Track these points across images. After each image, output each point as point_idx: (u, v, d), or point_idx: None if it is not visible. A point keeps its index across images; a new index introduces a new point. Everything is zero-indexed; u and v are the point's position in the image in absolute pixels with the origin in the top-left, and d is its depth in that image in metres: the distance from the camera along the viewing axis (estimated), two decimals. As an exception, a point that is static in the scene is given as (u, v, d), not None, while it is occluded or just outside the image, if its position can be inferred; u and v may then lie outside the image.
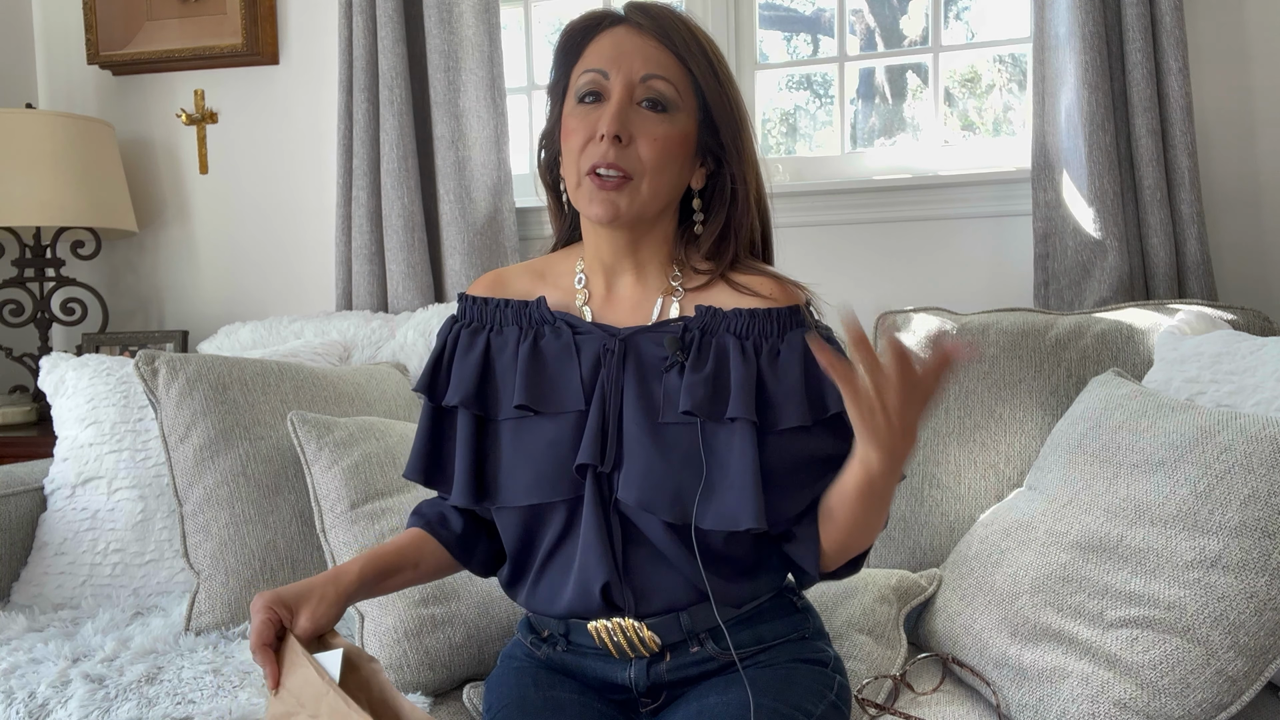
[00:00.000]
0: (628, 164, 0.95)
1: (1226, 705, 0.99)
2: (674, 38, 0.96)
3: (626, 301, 1.03)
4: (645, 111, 0.95)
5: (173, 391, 1.48)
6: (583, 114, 0.96)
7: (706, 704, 0.94)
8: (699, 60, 0.97)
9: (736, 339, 0.97)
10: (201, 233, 2.41)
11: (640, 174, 0.95)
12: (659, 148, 0.95)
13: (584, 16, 1.01)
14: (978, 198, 1.93)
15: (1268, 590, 0.99)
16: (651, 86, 0.95)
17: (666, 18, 0.98)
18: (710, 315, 0.98)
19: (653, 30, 0.96)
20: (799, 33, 2.26)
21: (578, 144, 0.96)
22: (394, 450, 1.43)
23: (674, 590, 0.97)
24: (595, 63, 0.96)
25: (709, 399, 0.94)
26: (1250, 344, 1.31)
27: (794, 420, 0.94)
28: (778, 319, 0.97)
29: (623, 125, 0.94)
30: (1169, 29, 1.68)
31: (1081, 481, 1.19)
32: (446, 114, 2.03)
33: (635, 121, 0.95)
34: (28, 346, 2.35)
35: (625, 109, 0.95)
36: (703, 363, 0.96)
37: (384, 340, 1.90)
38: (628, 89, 0.95)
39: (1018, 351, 1.53)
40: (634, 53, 0.95)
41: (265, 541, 1.45)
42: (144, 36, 2.33)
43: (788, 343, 0.97)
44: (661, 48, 0.96)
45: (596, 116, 0.95)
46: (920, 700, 1.18)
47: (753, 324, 0.97)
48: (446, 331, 1.06)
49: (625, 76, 0.95)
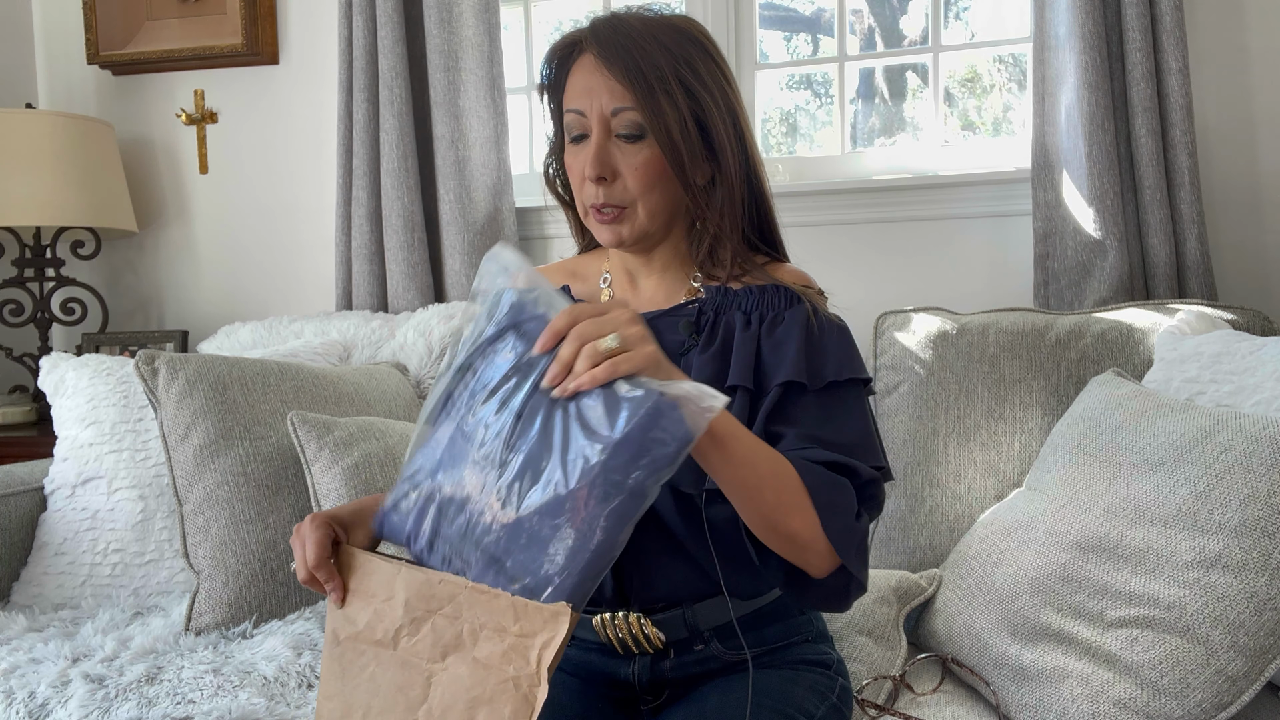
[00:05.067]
0: (617, 198, 0.99)
1: (1226, 705, 0.99)
2: (634, 65, 0.95)
3: (650, 302, 1.06)
4: (623, 144, 0.98)
5: (173, 391, 1.48)
6: (575, 153, 1.01)
7: (708, 704, 0.94)
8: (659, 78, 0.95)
9: (743, 314, 1.00)
10: (201, 233, 2.41)
11: (632, 202, 0.99)
12: (641, 175, 0.98)
13: (558, 45, 1.03)
14: (978, 198, 1.93)
15: (1268, 590, 0.99)
16: (623, 119, 0.97)
17: (625, 42, 0.96)
18: (722, 295, 1.02)
19: (614, 61, 0.96)
20: (799, 32, 2.26)
21: (576, 182, 1.02)
22: (394, 450, 1.43)
23: (681, 579, 0.97)
24: (573, 101, 0.99)
25: (715, 376, 0.97)
26: (1250, 344, 1.30)
27: (784, 376, 0.95)
28: (785, 294, 1.00)
29: (604, 165, 0.98)
30: (1169, 29, 1.68)
31: (1081, 481, 1.19)
32: (446, 114, 2.03)
33: (616, 156, 0.98)
34: (28, 346, 2.35)
35: (604, 148, 0.98)
36: (713, 342, 0.99)
37: (384, 340, 1.90)
38: (603, 125, 0.98)
39: (1018, 351, 1.53)
40: (600, 89, 0.97)
41: (265, 541, 1.45)
42: (144, 36, 2.33)
43: (791, 313, 0.99)
44: (625, 78, 0.96)
45: (585, 157, 0.99)
46: (920, 700, 1.18)
47: (761, 299, 1.00)
48: None
49: (598, 113, 0.97)
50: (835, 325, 0.99)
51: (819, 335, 0.97)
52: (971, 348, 1.55)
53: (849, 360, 0.97)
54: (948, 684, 1.22)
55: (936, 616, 1.30)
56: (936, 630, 1.29)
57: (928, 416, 1.55)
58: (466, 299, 2.05)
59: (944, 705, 1.16)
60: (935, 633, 1.29)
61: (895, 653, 1.28)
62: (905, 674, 1.24)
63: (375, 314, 2.01)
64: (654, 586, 0.97)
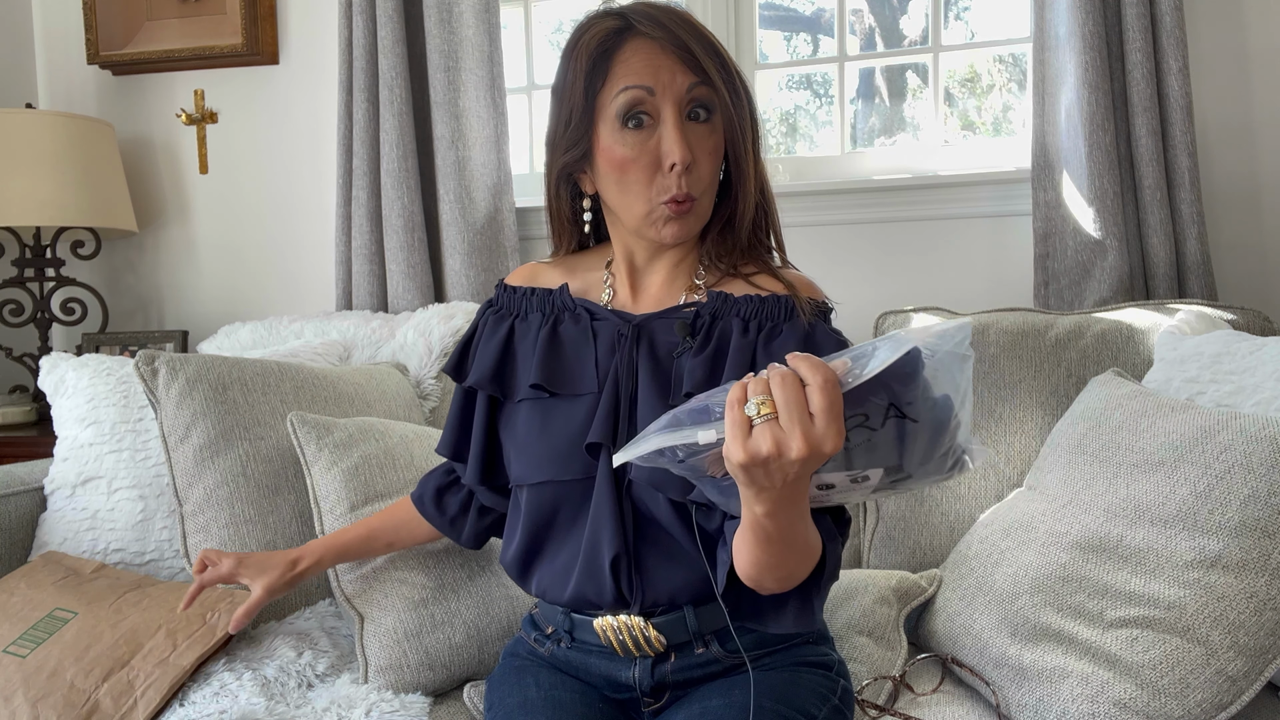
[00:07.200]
0: (696, 187, 0.95)
1: (1226, 705, 0.99)
2: (702, 42, 0.95)
3: (651, 299, 1.04)
4: (695, 125, 0.94)
5: (173, 391, 1.47)
6: (636, 141, 0.93)
7: (709, 706, 0.94)
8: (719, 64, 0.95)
9: (741, 321, 0.98)
10: (201, 233, 2.41)
11: (702, 192, 0.96)
12: (713, 161, 0.96)
13: (599, 30, 0.95)
14: (978, 198, 1.93)
15: (1268, 590, 0.99)
16: (696, 96, 0.93)
17: (684, 23, 0.95)
18: (721, 301, 0.99)
19: (683, 38, 0.93)
20: (799, 32, 2.26)
21: (644, 174, 0.94)
22: (394, 451, 1.43)
23: (680, 582, 0.97)
24: (635, 79, 0.92)
25: (706, 379, 0.95)
26: (1250, 344, 1.31)
27: None
28: (785, 305, 0.98)
29: (690, 150, 0.93)
30: (1169, 29, 1.68)
31: (1081, 481, 1.19)
32: (446, 114, 2.03)
33: (692, 140, 0.94)
34: (28, 346, 2.35)
35: (685, 130, 0.93)
36: (707, 345, 0.97)
37: (384, 340, 1.90)
38: (676, 104, 0.93)
39: (1018, 351, 1.53)
40: (672, 65, 0.92)
41: (265, 542, 1.45)
42: (144, 36, 2.33)
43: (790, 325, 0.97)
44: (701, 52, 0.94)
45: (655, 143, 0.93)
46: (920, 701, 1.18)
47: (761, 308, 0.98)
48: (479, 316, 1.11)
49: (673, 93, 0.92)
50: (834, 339, 0.97)
51: (816, 349, 0.94)
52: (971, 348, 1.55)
53: None
54: (948, 684, 1.22)
55: (936, 616, 1.30)
56: (936, 630, 1.29)
57: (928, 416, 1.54)
58: (466, 299, 2.05)
59: (944, 705, 1.16)
60: (935, 633, 1.29)
61: (895, 653, 1.28)
62: (905, 674, 1.24)
63: (375, 314, 2.01)
64: (654, 589, 0.97)
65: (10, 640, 1.26)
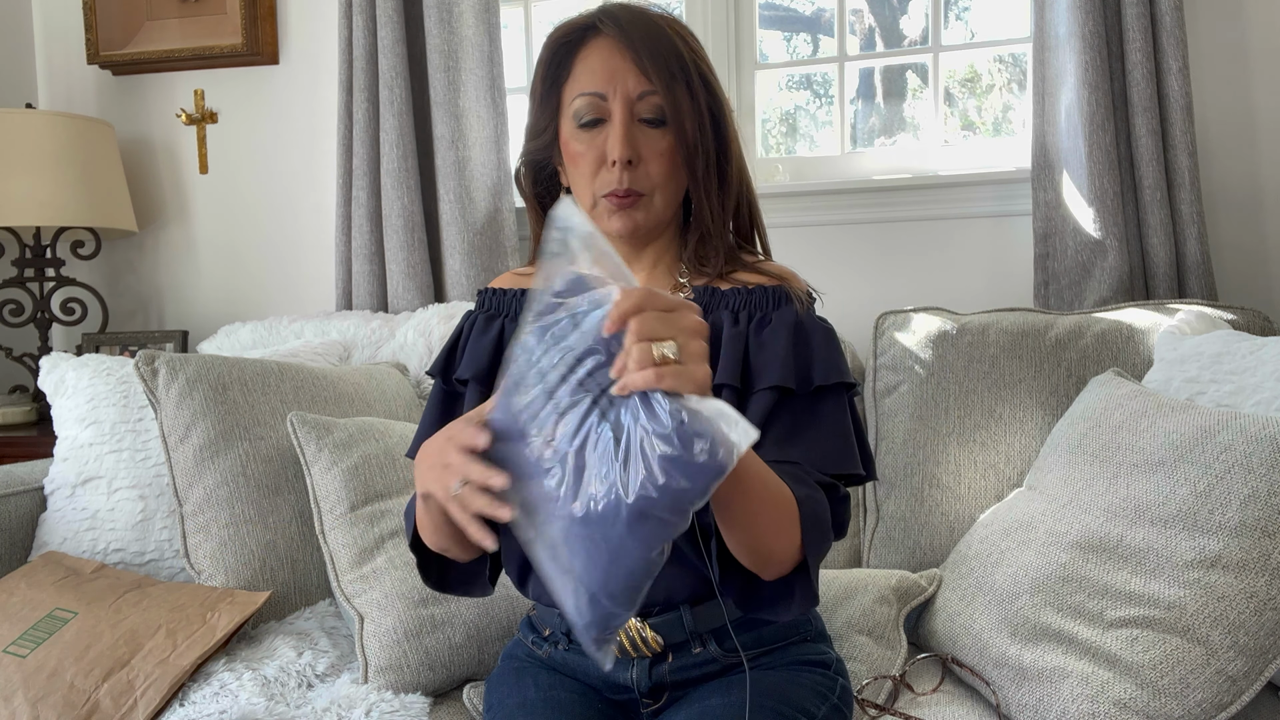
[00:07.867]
0: (640, 184, 0.98)
1: (1226, 705, 0.99)
2: (659, 50, 0.96)
3: None
4: (647, 129, 0.97)
5: (173, 392, 1.48)
6: (587, 138, 0.98)
7: (708, 705, 0.94)
8: (681, 69, 0.97)
9: (731, 314, 0.99)
10: (201, 233, 2.41)
11: (652, 190, 0.99)
12: (666, 162, 0.98)
13: (563, 30, 1.01)
14: (977, 198, 1.93)
15: (1268, 590, 0.99)
16: (649, 103, 0.97)
17: (647, 28, 0.97)
18: (709, 295, 1.00)
19: (640, 44, 0.96)
20: (799, 32, 2.26)
21: (588, 169, 0.99)
22: (393, 451, 1.43)
23: (677, 582, 0.97)
24: (590, 84, 0.97)
25: None
26: (1250, 344, 1.31)
27: (772, 380, 0.94)
28: (773, 294, 0.99)
29: (632, 148, 0.96)
30: (1169, 29, 1.68)
31: (1081, 481, 1.19)
32: (446, 114, 2.03)
33: (640, 140, 0.97)
34: (28, 346, 2.35)
35: (630, 130, 0.96)
36: None
37: (384, 340, 1.90)
38: (627, 108, 0.96)
39: (1018, 351, 1.53)
40: (625, 71, 0.96)
41: (265, 542, 1.45)
42: (144, 36, 2.33)
43: (779, 314, 0.98)
44: (652, 62, 0.96)
45: (603, 140, 0.97)
46: (920, 700, 1.18)
47: (749, 299, 0.99)
48: (464, 321, 1.09)
49: (623, 96, 0.96)
50: (822, 327, 0.98)
51: (806, 337, 0.96)
52: (971, 348, 1.55)
53: (835, 364, 0.96)
54: (948, 684, 1.22)
55: (936, 616, 1.30)
56: (936, 630, 1.29)
57: (928, 416, 1.55)
58: (466, 299, 2.05)
59: (944, 705, 1.16)
60: (935, 633, 1.29)
61: (895, 652, 1.28)
62: (905, 674, 1.24)
63: (375, 314, 2.01)
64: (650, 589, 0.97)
65: (10, 640, 1.26)
